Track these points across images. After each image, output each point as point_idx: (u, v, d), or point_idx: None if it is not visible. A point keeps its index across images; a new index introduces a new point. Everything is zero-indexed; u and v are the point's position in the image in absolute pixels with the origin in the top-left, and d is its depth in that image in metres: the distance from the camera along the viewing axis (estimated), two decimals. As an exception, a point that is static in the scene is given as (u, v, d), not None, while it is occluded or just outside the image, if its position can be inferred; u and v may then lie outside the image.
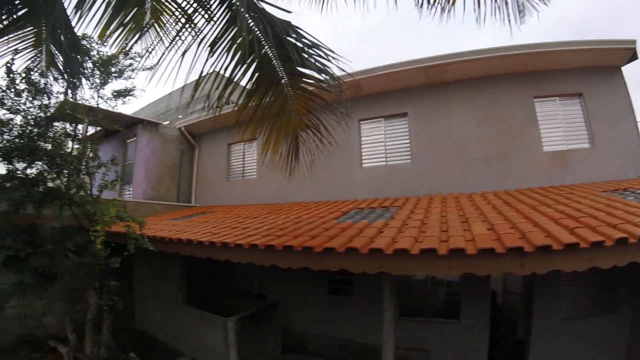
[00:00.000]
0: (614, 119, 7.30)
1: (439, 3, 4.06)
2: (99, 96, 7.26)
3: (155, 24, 3.93)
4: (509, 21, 3.74)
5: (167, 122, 13.28)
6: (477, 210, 5.10)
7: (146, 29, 3.96)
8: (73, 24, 3.76)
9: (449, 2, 4.01)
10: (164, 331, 8.22)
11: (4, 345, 7.23)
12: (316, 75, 3.57)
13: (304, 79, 3.71)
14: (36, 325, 7.84)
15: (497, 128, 7.86)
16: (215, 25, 3.21)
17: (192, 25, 3.25)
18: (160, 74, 2.90)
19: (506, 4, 3.75)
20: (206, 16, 3.21)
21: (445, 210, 5.44)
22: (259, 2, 3.25)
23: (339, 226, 4.84)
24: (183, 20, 3.41)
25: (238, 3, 3.12)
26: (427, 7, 4.06)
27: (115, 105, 7.68)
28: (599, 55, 7.27)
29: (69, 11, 3.67)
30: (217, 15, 3.22)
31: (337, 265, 3.79)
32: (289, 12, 3.23)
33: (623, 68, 7.50)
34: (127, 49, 5.72)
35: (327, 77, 3.54)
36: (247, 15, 3.10)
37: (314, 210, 7.29)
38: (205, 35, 3.17)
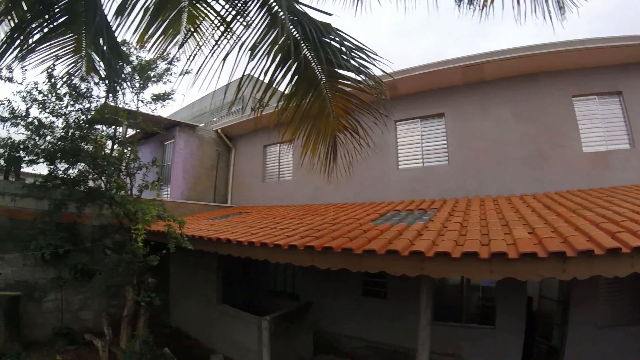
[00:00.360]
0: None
1: (477, 2, 4.04)
2: (138, 100, 7.51)
3: (193, 30, 4.04)
4: (550, 17, 3.69)
5: (202, 124, 13.61)
6: (516, 214, 4.99)
7: (184, 34, 4.08)
8: (113, 29, 3.93)
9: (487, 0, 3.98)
10: (197, 328, 8.39)
11: (40, 338, 7.49)
12: (355, 76, 3.58)
13: (342, 81, 3.72)
14: (73, 319, 8.12)
15: (535, 128, 7.63)
16: (255, 30, 3.25)
17: (231, 31, 3.29)
18: (202, 79, 2.96)
19: (546, 0, 3.69)
20: (245, 23, 3.25)
21: (484, 213, 5.34)
22: (299, 5, 3.28)
23: (378, 228, 4.82)
24: (222, 28, 3.49)
25: (278, 7, 3.16)
26: (467, 6, 4.04)
27: (155, 109, 7.94)
28: (638, 51, 6.99)
29: (109, 17, 3.82)
30: (257, 20, 3.25)
31: (377, 268, 3.78)
32: (330, 14, 3.24)
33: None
34: (165, 54, 5.91)
35: (366, 78, 3.54)
36: (286, 19, 3.14)
37: (350, 211, 7.28)
38: (245, 40, 3.22)
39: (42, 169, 7.01)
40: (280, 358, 6.29)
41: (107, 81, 4.63)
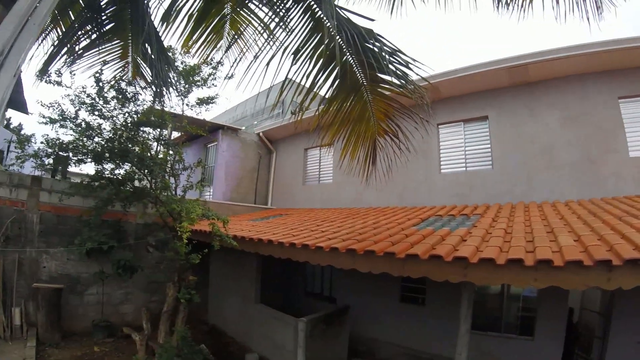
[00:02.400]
0: None
1: (515, 2, 4.00)
2: (184, 103, 7.79)
3: (237, 36, 4.18)
4: (588, 18, 3.63)
5: (244, 127, 14.00)
6: (562, 220, 4.84)
7: (227, 40, 4.22)
8: (160, 35, 4.11)
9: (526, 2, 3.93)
10: (235, 326, 8.55)
11: (80, 329, 7.87)
12: (395, 81, 3.59)
13: (383, 85, 3.74)
14: (113, 312, 8.50)
15: (582, 131, 7.32)
16: (298, 35, 3.32)
17: (274, 37, 3.37)
18: (245, 83, 3.05)
19: (584, 0, 3.65)
20: (288, 28, 3.32)
21: (528, 219, 5.21)
22: (342, 11, 3.33)
23: (420, 233, 4.79)
24: (265, 34, 3.58)
25: (321, 13, 3.22)
26: (506, 7, 4.02)
27: (199, 112, 8.21)
28: None
29: (155, 23, 4.01)
30: (300, 25, 3.32)
31: (420, 273, 3.76)
32: (372, 19, 3.28)
33: None
34: (208, 59, 6.11)
35: (406, 83, 3.55)
36: (329, 24, 3.19)
37: (391, 216, 7.25)
38: (288, 45, 3.29)
39: (88, 169, 7.37)
40: None
41: (153, 86, 4.84)
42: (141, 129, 6.94)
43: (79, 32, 3.80)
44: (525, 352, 6.56)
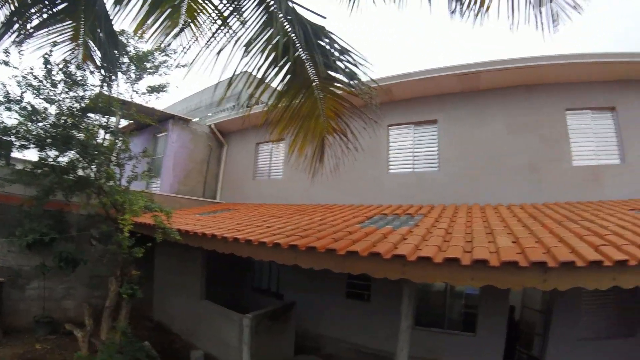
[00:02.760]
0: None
1: (472, 9, 4.08)
2: (133, 90, 7.48)
3: (192, 23, 4.04)
4: (542, 29, 3.75)
5: (197, 119, 13.61)
6: (502, 223, 5.04)
7: (182, 26, 4.07)
8: (110, 18, 3.92)
9: (482, 6, 4.02)
10: (180, 323, 8.36)
11: (22, 325, 7.47)
12: (346, 80, 3.59)
13: (334, 83, 3.74)
14: (55, 308, 8.09)
15: (529, 139, 7.69)
16: (251, 27, 3.26)
17: (228, 27, 3.30)
18: (195, 72, 2.97)
19: (540, 12, 3.74)
20: (242, 18, 3.26)
21: (470, 221, 5.38)
22: (295, 5, 3.29)
23: (363, 230, 4.85)
24: (219, 21, 3.49)
25: (275, 6, 3.17)
26: (460, 13, 4.08)
27: (149, 100, 7.93)
28: (635, 67, 7.06)
29: (108, 6, 3.82)
30: (254, 17, 3.27)
31: (360, 269, 3.80)
32: (324, 17, 3.27)
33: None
34: (162, 45, 5.90)
35: (357, 82, 3.56)
36: (283, 19, 3.15)
37: (338, 213, 7.30)
38: (241, 36, 3.23)
39: (32, 155, 6.95)
40: (261, 356, 6.28)
41: (102, 70, 4.63)
42: (87, 115, 6.61)
43: (32, 10, 3.57)
44: (468, 348, 6.81)
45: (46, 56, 5.72)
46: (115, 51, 4.43)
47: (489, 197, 7.56)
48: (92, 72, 6.06)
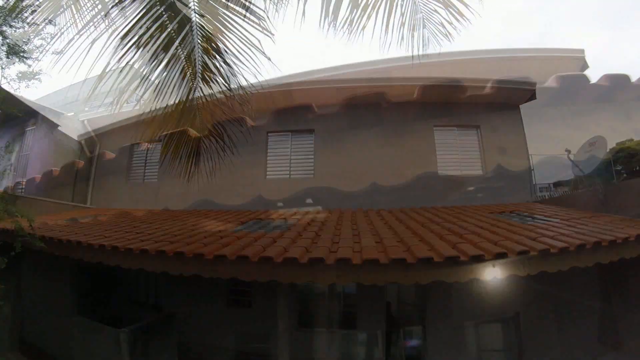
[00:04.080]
0: (510, 150, 8.31)
1: (346, 27, 4.35)
2: (2, 76, 6.51)
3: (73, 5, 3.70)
4: (413, 52, 4.12)
5: (72, 113, 12.17)
6: (369, 225, 5.45)
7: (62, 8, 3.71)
8: None
9: (357, 28, 4.33)
10: (54, 343, 7.43)
11: None
12: (223, 82, 3.62)
13: (213, 85, 3.74)
14: None
15: (398, 151, 8.47)
16: (130, 18, 3.11)
17: (106, 14, 3.11)
18: (69, 59, 2.73)
19: (412, 36, 4.13)
20: (121, 6, 3.11)
21: (340, 224, 5.73)
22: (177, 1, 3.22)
23: (235, 235, 4.87)
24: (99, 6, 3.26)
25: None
26: (333, 27, 4.32)
27: (18, 88, 6.94)
28: (500, 93, 8.27)
29: None
30: (132, 7, 3.13)
31: (229, 274, 3.81)
32: (204, 15, 3.27)
33: (521, 106, 8.55)
34: (39, 29, 5.23)
35: (236, 87, 3.61)
36: (164, 14, 3.08)
37: (213, 218, 7.24)
38: (119, 26, 3.07)
39: None
40: (141, 372, 5.90)
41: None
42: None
43: None
44: (351, 344, 7.16)
45: None
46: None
47: (361, 202, 8.12)
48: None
